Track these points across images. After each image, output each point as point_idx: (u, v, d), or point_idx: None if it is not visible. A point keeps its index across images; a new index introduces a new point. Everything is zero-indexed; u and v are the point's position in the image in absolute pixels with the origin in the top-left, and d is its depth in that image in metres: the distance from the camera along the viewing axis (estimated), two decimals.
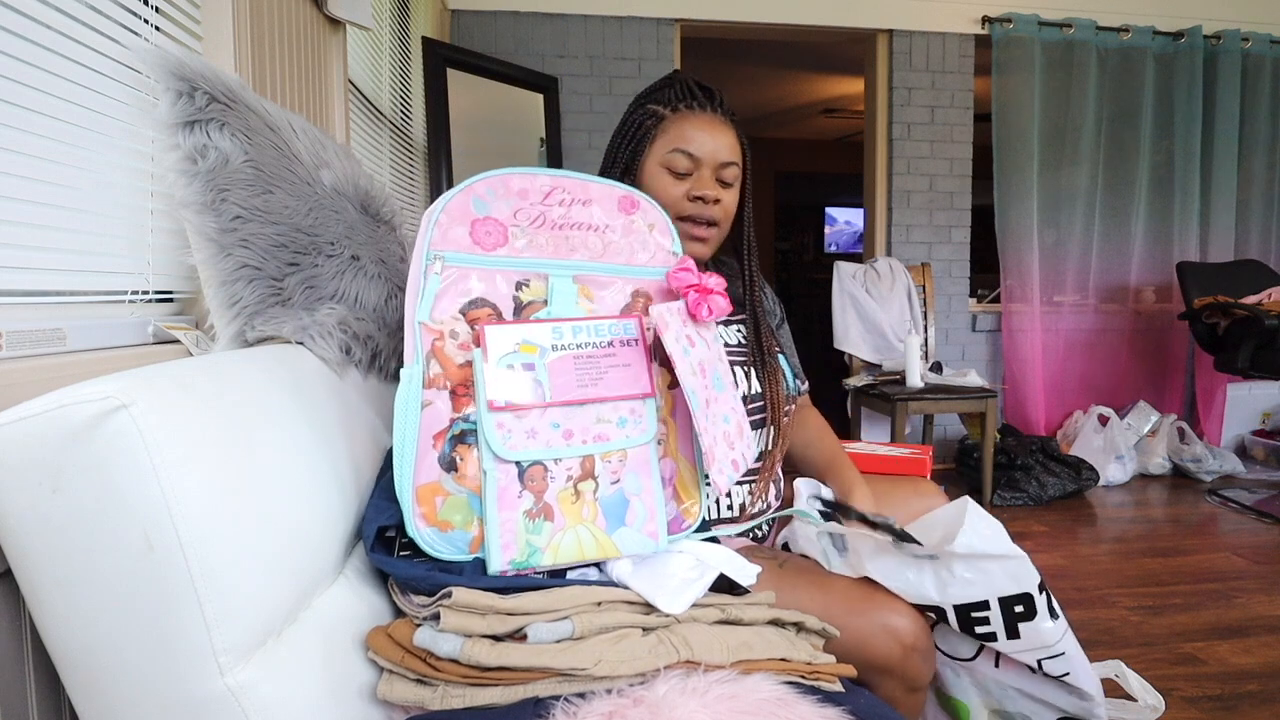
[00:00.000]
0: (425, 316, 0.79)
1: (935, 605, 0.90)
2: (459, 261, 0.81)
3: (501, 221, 0.84)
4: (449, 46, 2.90)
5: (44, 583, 0.55)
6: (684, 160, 1.08)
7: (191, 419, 0.59)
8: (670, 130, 1.09)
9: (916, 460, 1.93)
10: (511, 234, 0.84)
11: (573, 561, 0.78)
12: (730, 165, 1.09)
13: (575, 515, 0.79)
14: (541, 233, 0.86)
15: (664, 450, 0.87)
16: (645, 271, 0.91)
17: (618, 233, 0.90)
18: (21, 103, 0.81)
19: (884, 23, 3.52)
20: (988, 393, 2.98)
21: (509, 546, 0.76)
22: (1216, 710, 1.56)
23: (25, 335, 0.81)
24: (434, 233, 0.81)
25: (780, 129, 7.00)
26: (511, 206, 0.85)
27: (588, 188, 0.89)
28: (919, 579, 0.90)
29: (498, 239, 0.84)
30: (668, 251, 0.93)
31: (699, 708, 0.65)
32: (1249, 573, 2.31)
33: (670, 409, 0.88)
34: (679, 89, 1.11)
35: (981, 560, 0.88)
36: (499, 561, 0.76)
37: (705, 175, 1.08)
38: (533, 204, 0.86)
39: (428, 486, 0.77)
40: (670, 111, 1.10)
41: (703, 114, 1.09)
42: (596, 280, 0.88)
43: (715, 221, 1.10)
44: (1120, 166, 3.65)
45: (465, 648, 0.67)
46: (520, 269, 0.84)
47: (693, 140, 1.08)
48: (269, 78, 1.35)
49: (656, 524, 0.83)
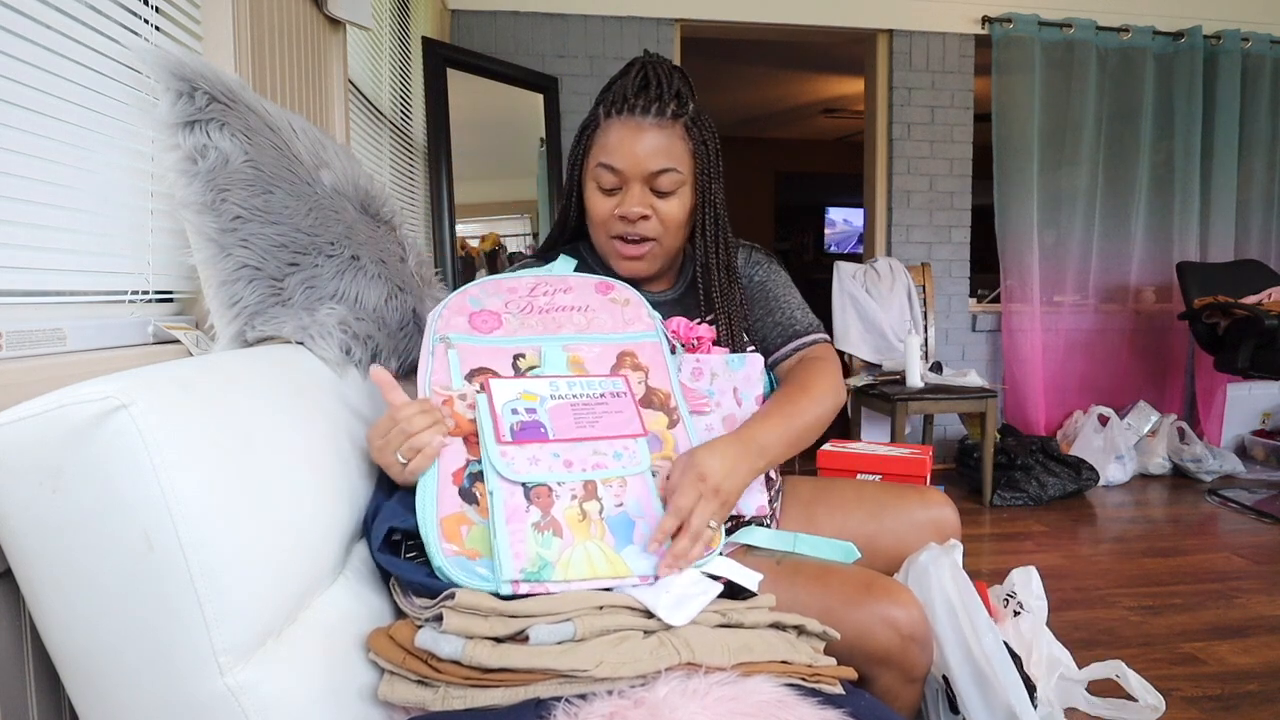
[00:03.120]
0: (437, 384, 0.89)
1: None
2: (461, 341, 0.93)
3: (495, 311, 0.98)
4: (449, 46, 2.89)
5: (44, 583, 0.55)
6: (608, 175, 1.03)
7: (191, 419, 0.59)
8: (599, 140, 1.04)
9: (916, 460, 1.93)
10: (505, 320, 0.98)
11: (584, 578, 0.78)
12: (665, 172, 1.02)
13: (583, 532, 0.81)
14: (531, 317, 0.99)
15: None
16: (626, 337, 1.01)
17: (598, 310, 1.02)
18: (21, 103, 0.81)
19: (884, 23, 3.52)
20: (988, 393, 2.98)
21: (520, 555, 0.77)
22: (1216, 710, 1.56)
23: (25, 335, 0.81)
24: (438, 323, 0.94)
25: (780, 129, 7.00)
26: (502, 299, 0.99)
27: (566, 280, 1.04)
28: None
29: (493, 324, 0.97)
30: (644, 319, 1.04)
31: (700, 709, 0.64)
32: (1249, 573, 2.31)
33: (673, 447, 0.94)
34: (615, 89, 1.05)
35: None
36: (510, 569, 0.75)
37: (634, 190, 1.03)
38: (520, 297, 1.00)
39: (452, 517, 0.78)
40: (604, 116, 1.04)
41: (629, 119, 1.02)
42: (583, 348, 0.98)
43: (648, 237, 1.05)
44: (1120, 166, 3.65)
45: (467, 649, 0.66)
46: (516, 345, 0.95)
47: (614, 152, 1.02)
48: (269, 78, 1.35)
49: (662, 546, 0.83)
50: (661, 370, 1.00)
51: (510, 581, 0.75)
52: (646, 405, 0.96)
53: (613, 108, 1.03)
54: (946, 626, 1.03)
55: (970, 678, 1.02)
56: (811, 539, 1.02)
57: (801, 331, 1.15)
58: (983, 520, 2.90)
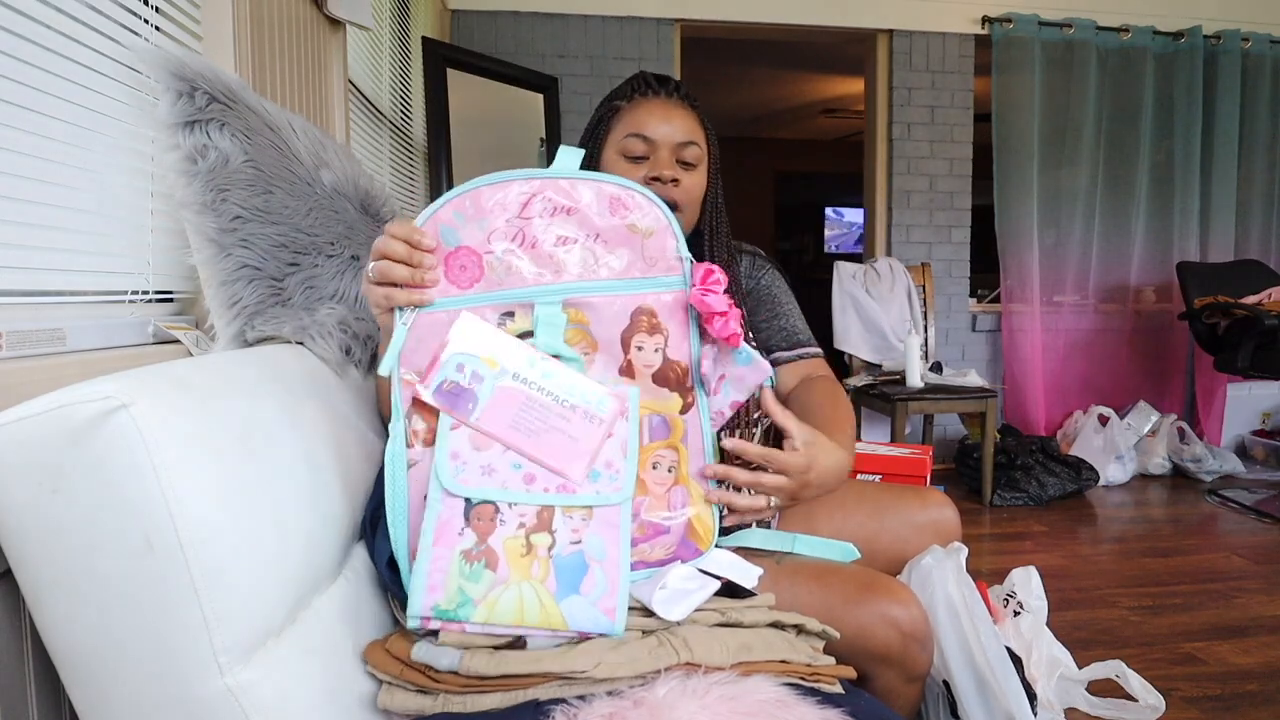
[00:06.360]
0: (396, 367, 0.73)
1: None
2: (434, 309, 0.75)
3: (475, 250, 0.75)
4: (449, 46, 2.89)
5: (44, 583, 0.55)
6: (639, 144, 1.05)
7: (192, 419, 0.59)
8: (626, 118, 1.08)
9: (916, 460, 1.93)
10: (487, 264, 0.76)
11: (508, 624, 0.68)
12: (690, 145, 1.06)
13: (523, 570, 0.69)
14: (523, 257, 0.76)
15: (674, 479, 0.80)
16: (646, 285, 0.79)
17: (612, 240, 0.78)
18: (22, 103, 0.81)
19: (884, 23, 3.52)
20: (988, 393, 2.98)
21: (435, 588, 0.67)
22: (1216, 710, 1.56)
23: (25, 335, 0.81)
24: None
25: (780, 129, 7.00)
26: (485, 229, 0.75)
27: (574, 189, 0.78)
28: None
29: (474, 273, 0.75)
30: (672, 257, 0.79)
31: (699, 709, 0.64)
32: (1249, 573, 2.31)
33: (681, 435, 0.81)
34: (635, 82, 1.11)
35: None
36: (420, 605, 0.67)
37: (663, 157, 1.05)
38: (509, 220, 0.76)
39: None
40: (626, 102, 1.09)
41: (656, 99, 1.08)
42: (590, 303, 0.77)
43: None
44: (1120, 166, 3.65)
45: (464, 660, 0.67)
46: (502, 302, 0.76)
47: (647, 124, 1.05)
48: (269, 78, 1.35)
49: (615, 600, 0.71)
50: (682, 336, 0.80)
51: (419, 618, 0.67)
52: (660, 382, 0.80)
53: (636, 93, 1.09)
54: (949, 630, 1.03)
55: (971, 682, 1.02)
56: (810, 539, 1.02)
57: (805, 341, 1.19)
58: (983, 520, 2.90)
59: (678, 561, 0.82)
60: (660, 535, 0.80)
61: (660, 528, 0.80)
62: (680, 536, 0.81)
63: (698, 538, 0.82)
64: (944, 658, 1.03)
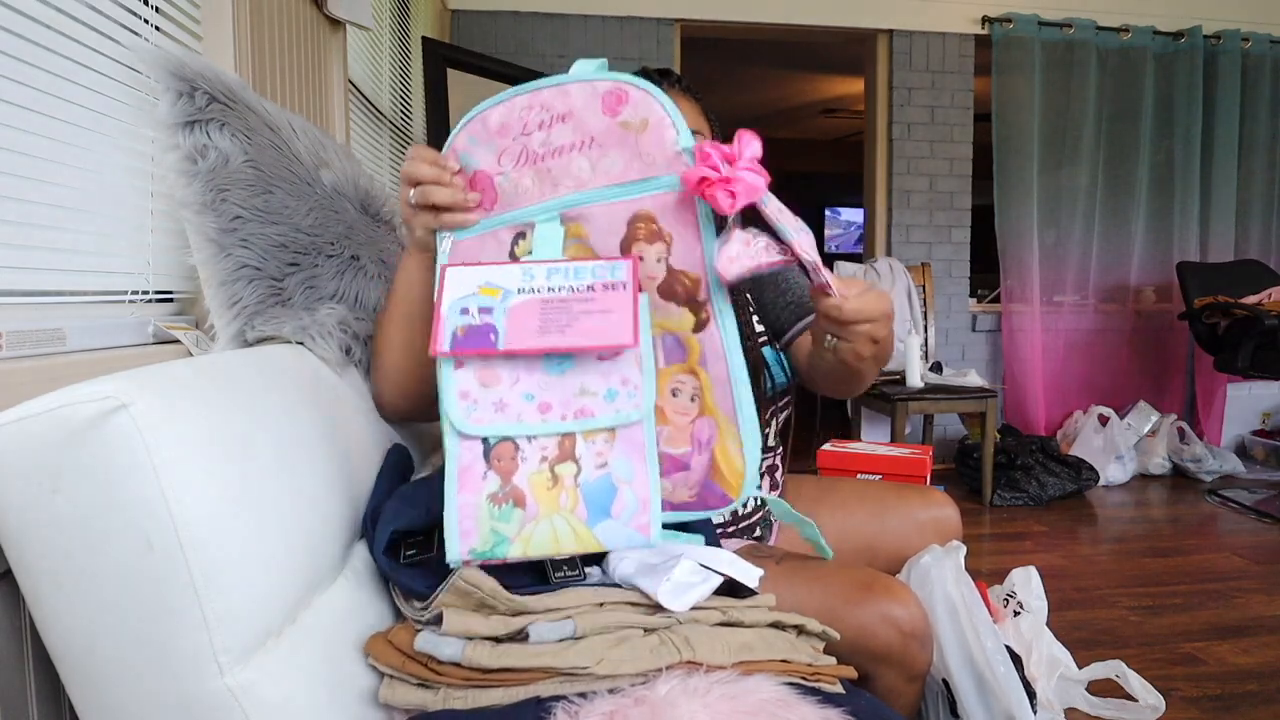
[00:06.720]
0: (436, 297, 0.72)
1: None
2: (471, 233, 0.76)
3: (488, 173, 0.75)
4: (449, 46, 2.89)
5: (44, 583, 0.55)
6: None
7: (191, 419, 0.59)
8: None
9: (916, 460, 1.93)
10: (499, 185, 0.75)
11: (546, 554, 0.69)
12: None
13: (551, 503, 0.68)
14: (526, 174, 0.75)
15: (698, 409, 0.74)
16: (642, 188, 0.73)
17: (606, 143, 0.73)
18: (22, 103, 0.81)
19: (884, 23, 3.52)
20: (988, 393, 2.98)
21: (469, 534, 0.68)
22: (1216, 710, 1.56)
23: (25, 335, 0.81)
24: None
25: (780, 129, 7.00)
26: (494, 151, 0.75)
27: (567, 94, 0.74)
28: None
29: (491, 196, 0.76)
30: (671, 151, 0.72)
31: (700, 708, 0.64)
32: (1249, 573, 2.31)
33: (699, 357, 0.73)
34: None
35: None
36: (457, 550, 0.68)
37: None
38: (514, 139, 0.75)
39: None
40: None
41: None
42: (587, 214, 0.74)
43: None
44: (1120, 166, 3.65)
45: (467, 651, 0.66)
46: (513, 224, 0.75)
47: None
48: (269, 78, 1.35)
49: (649, 515, 0.69)
50: (691, 240, 0.72)
51: (459, 560, 0.69)
52: (667, 296, 0.73)
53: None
54: (948, 629, 1.03)
55: (971, 681, 1.02)
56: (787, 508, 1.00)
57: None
58: (983, 520, 2.90)
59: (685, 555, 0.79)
60: (681, 471, 0.74)
61: (680, 462, 0.74)
62: (703, 477, 0.75)
63: (725, 483, 0.74)
64: (943, 656, 1.03)
